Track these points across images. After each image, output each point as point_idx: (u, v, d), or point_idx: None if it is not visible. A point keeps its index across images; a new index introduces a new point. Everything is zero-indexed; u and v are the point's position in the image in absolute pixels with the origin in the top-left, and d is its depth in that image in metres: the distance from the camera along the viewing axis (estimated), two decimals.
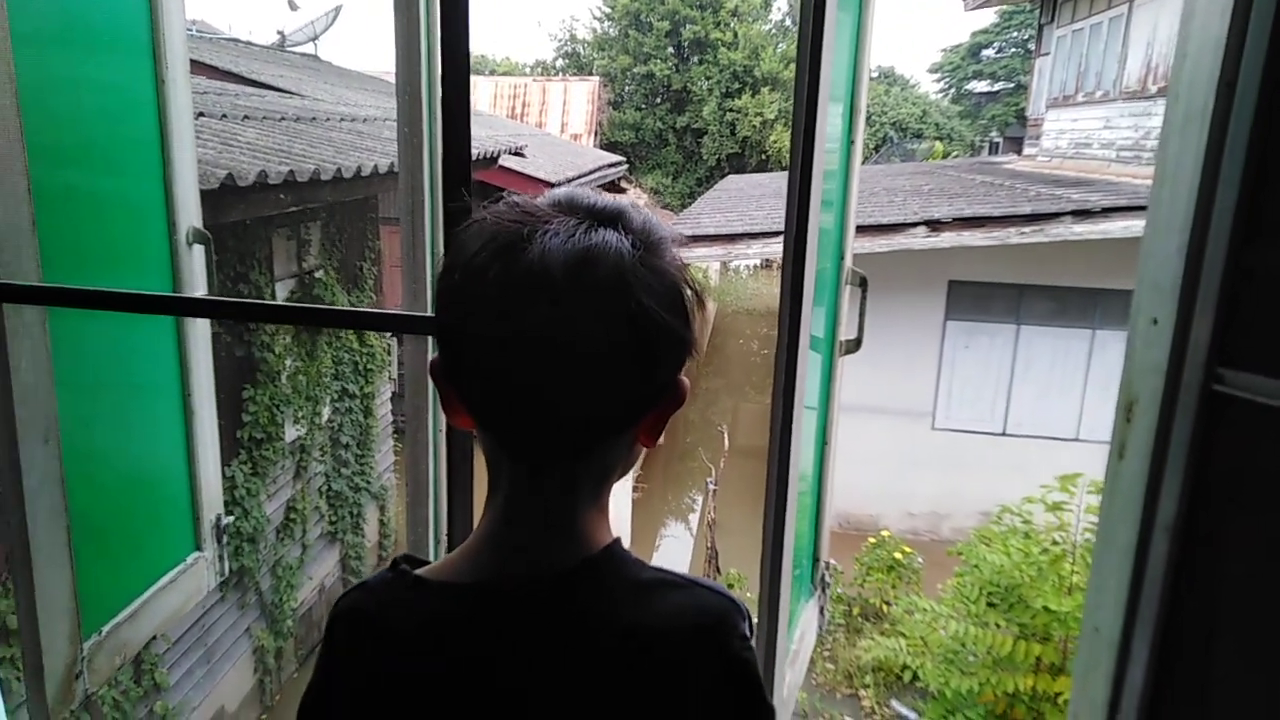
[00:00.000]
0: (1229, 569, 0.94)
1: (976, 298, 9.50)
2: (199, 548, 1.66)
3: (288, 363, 7.06)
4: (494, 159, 9.01)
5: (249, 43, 16.04)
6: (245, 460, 6.41)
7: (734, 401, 14.69)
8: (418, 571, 0.76)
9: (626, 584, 0.75)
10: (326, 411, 7.79)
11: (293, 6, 18.33)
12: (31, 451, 1.22)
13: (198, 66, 10.88)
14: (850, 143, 1.47)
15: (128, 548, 1.52)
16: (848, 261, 1.54)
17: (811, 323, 1.55)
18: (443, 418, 1.67)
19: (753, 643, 0.79)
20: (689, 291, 0.76)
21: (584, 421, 0.71)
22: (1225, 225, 0.90)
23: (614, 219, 0.70)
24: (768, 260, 26.03)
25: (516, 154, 9.64)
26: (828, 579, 1.64)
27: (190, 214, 1.62)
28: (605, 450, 0.75)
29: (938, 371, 9.71)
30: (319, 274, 7.64)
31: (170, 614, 1.56)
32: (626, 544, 0.81)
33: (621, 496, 8.65)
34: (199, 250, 1.61)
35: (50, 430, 1.26)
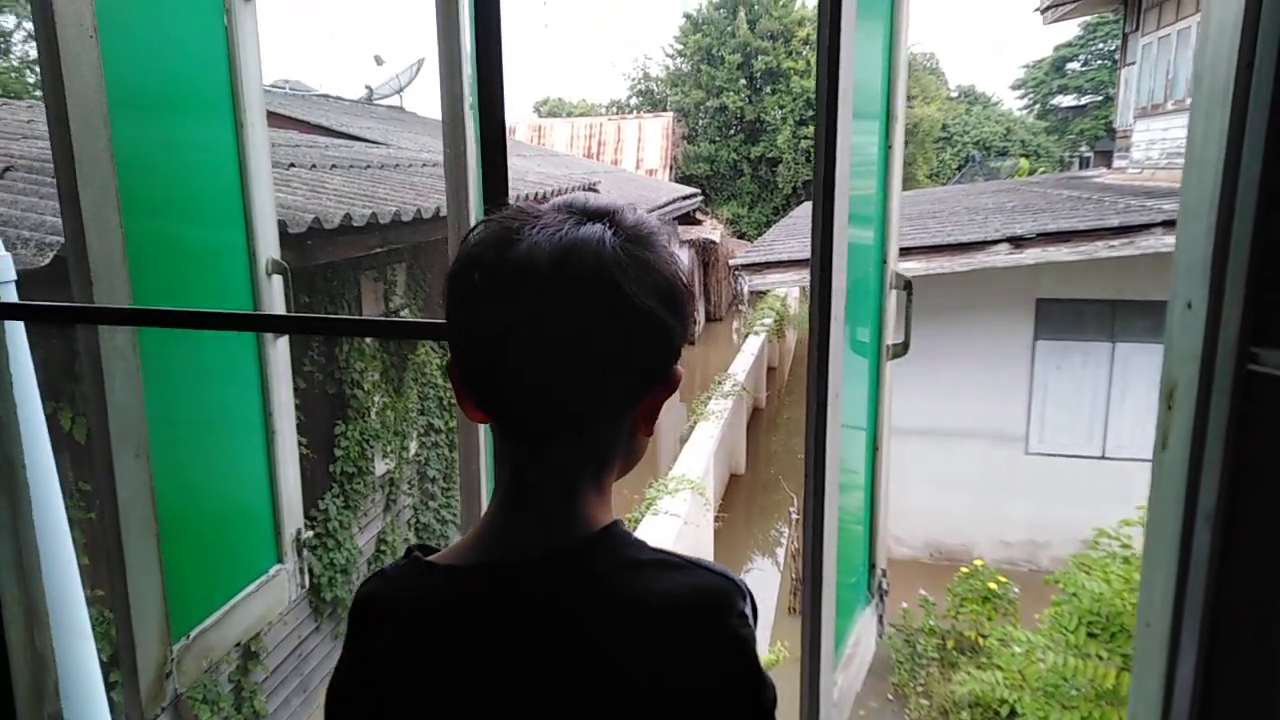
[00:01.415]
0: (1274, 555, 0.91)
1: (1067, 316, 9.15)
2: (280, 560, 1.77)
3: (376, 399, 7.33)
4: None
5: (339, 98, 16.88)
6: (338, 494, 6.65)
7: None
8: (429, 558, 0.80)
9: (626, 563, 0.76)
10: (414, 446, 8.03)
11: (379, 61, 19.23)
12: (124, 464, 1.33)
13: (291, 121, 11.49)
14: (888, 146, 1.48)
15: (214, 558, 1.62)
16: (891, 265, 1.54)
17: (849, 327, 1.56)
18: None
19: (753, 623, 0.79)
20: (680, 284, 0.78)
21: (575, 405, 0.74)
22: (1250, 201, 0.89)
23: (604, 215, 0.74)
24: None
25: (590, 189, 9.82)
26: (885, 586, 1.62)
27: (269, 247, 1.75)
28: (603, 435, 0.78)
29: (1029, 393, 9.36)
30: (404, 313, 7.92)
31: (253, 622, 1.66)
32: None
33: (704, 527, 8.60)
34: (278, 280, 1.73)
35: (141, 445, 1.37)
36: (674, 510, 7.78)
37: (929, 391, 8.98)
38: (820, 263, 1.12)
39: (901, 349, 1.57)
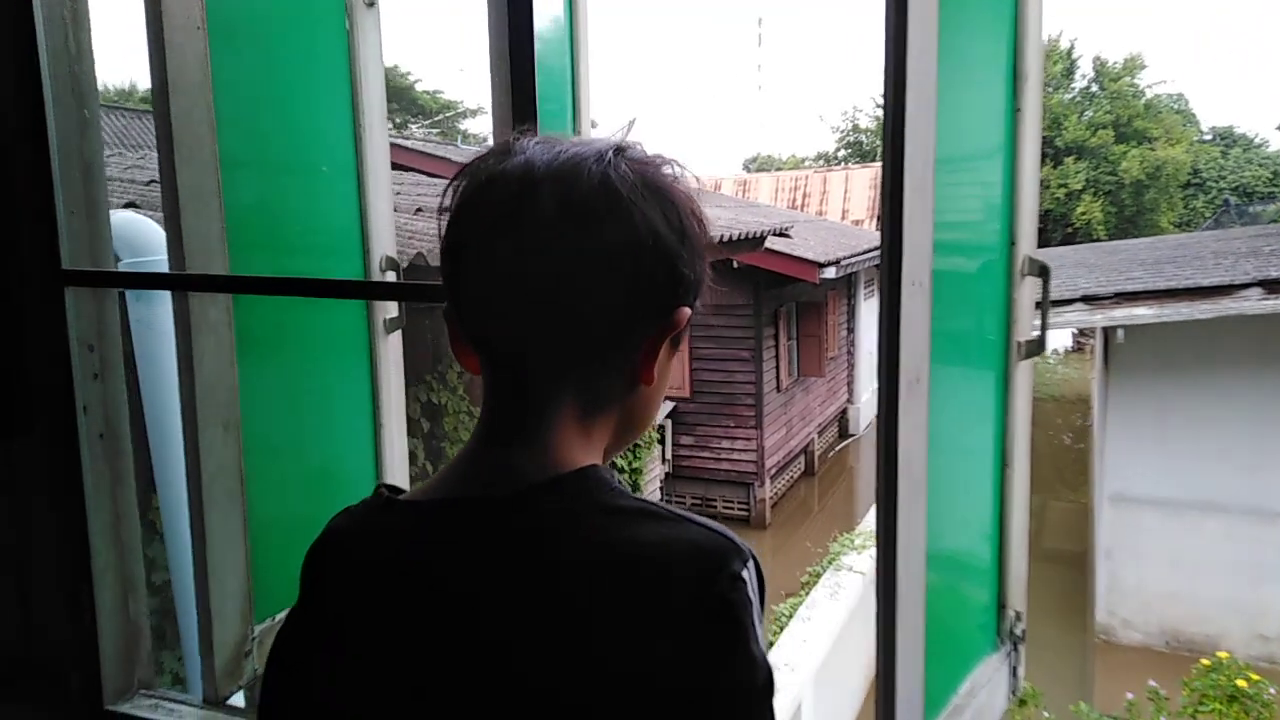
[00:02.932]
0: None
1: None
2: None
3: None
4: (760, 239, 9.14)
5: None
6: None
7: (1043, 499, 13.22)
8: (400, 497, 0.75)
9: (600, 506, 0.68)
10: None
11: (593, 125, 20.28)
12: (212, 438, 1.39)
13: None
14: (1015, 109, 1.27)
15: (308, 541, 1.65)
16: (1021, 248, 1.31)
17: (967, 321, 1.34)
18: None
19: (753, 592, 0.67)
20: (693, 211, 0.74)
21: (563, 333, 0.70)
22: None
23: (612, 145, 0.71)
24: (1079, 343, 23.56)
25: (781, 234, 9.72)
26: (1019, 632, 1.35)
27: (386, 247, 1.80)
28: (594, 374, 0.73)
29: None
30: None
31: None
32: None
33: None
34: (390, 276, 1.77)
35: (231, 420, 1.42)
36: (859, 567, 7.34)
37: (1167, 456, 7.99)
38: (890, 222, 0.96)
39: (1036, 347, 1.33)
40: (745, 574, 0.66)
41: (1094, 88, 31.16)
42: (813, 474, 14.30)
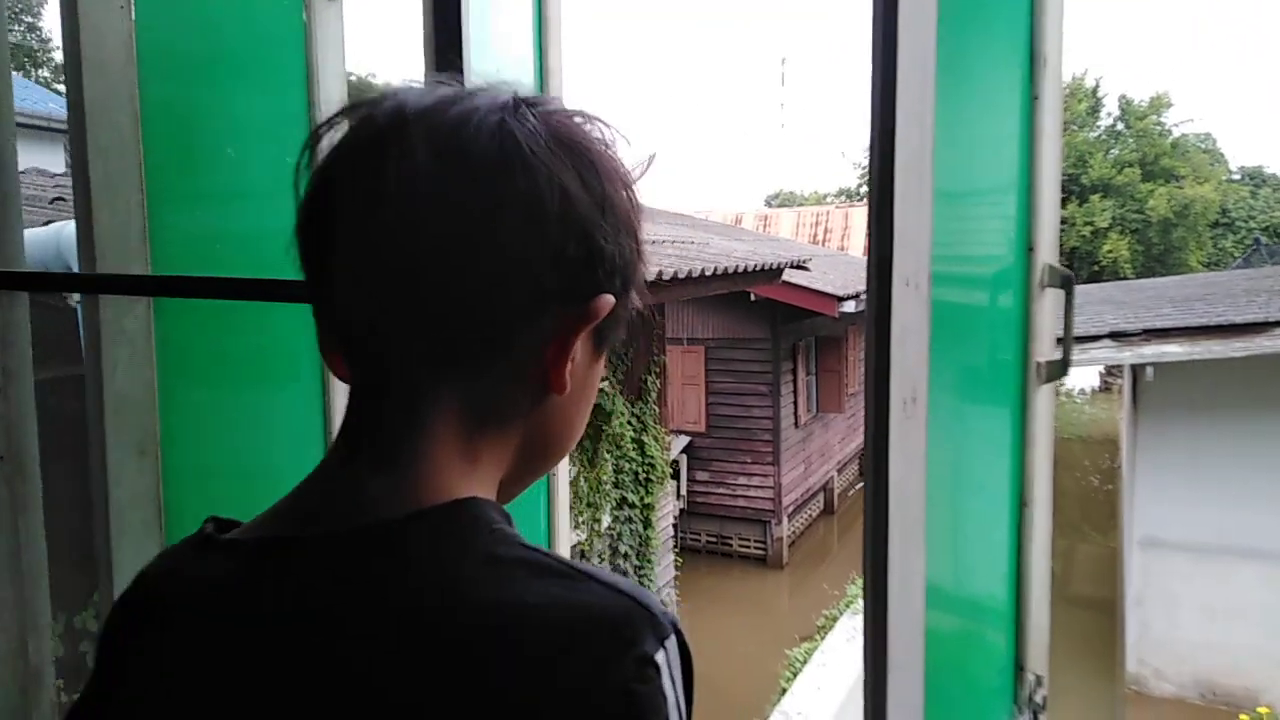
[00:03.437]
0: None
1: None
2: None
3: (571, 468, 7.36)
4: (777, 271, 8.98)
5: None
6: None
7: (1069, 542, 12.82)
8: (231, 534, 0.58)
9: (472, 553, 0.52)
10: (606, 519, 7.96)
11: None
12: (122, 462, 1.23)
13: None
14: (1033, 97, 1.10)
15: None
16: (1041, 255, 1.13)
17: (980, 339, 1.16)
18: None
19: (672, 681, 0.50)
20: (618, 176, 0.60)
21: (436, 320, 0.55)
22: None
23: (515, 93, 0.58)
24: (1106, 383, 23.08)
25: (799, 267, 9.55)
26: (1039, 698, 1.15)
27: None
28: (483, 378, 0.57)
29: None
30: (603, 385, 7.99)
31: None
32: None
33: None
34: None
35: (147, 443, 1.27)
36: None
37: (1199, 499, 7.72)
38: (878, 207, 0.79)
39: (1058, 369, 1.15)
40: (661, 657, 0.49)
41: (1120, 126, 30.97)
42: (832, 512, 13.99)
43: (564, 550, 1.54)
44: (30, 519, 1.27)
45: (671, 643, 0.50)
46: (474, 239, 0.53)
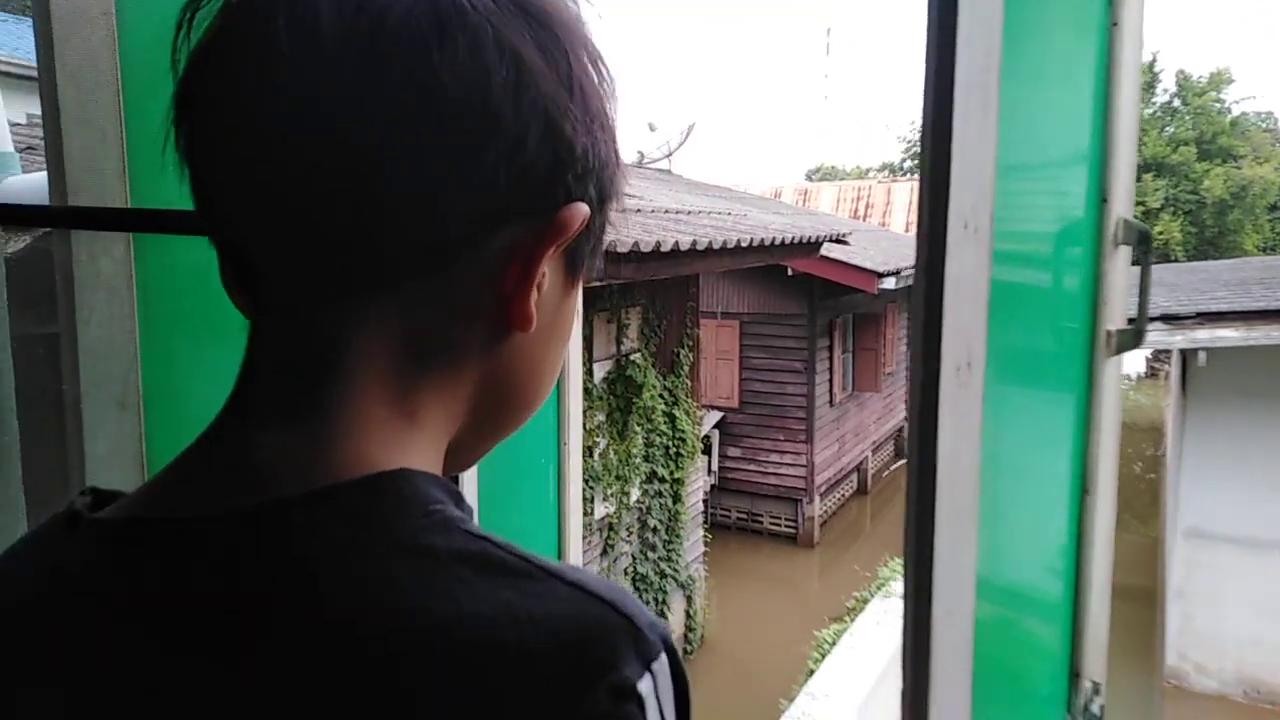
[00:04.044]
0: None
1: None
2: None
3: (599, 440, 7.28)
4: (816, 245, 8.76)
5: None
6: None
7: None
8: (106, 510, 0.45)
9: (396, 545, 0.40)
10: (635, 493, 7.88)
11: (651, 128, 20.18)
12: (100, 417, 1.15)
13: None
14: (1111, 24, 0.95)
15: None
16: (1115, 208, 0.99)
17: (1043, 304, 1.02)
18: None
19: (655, 712, 0.38)
20: (586, 58, 0.47)
21: (352, 234, 0.42)
22: None
23: None
24: (1153, 369, 22.42)
25: (839, 241, 9.31)
26: (1095, 708, 1.02)
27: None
28: (414, 305, 0.44)
29: None
30: (635, 357, 7.87)
31: None
32: None
33: None
34: None
35: (128, 396, 1.18)
36: None
37: (1248, 490, 7.49)
38: (933, 135, 0.66)
39: (1130, 339, 1.00)
40: (646, 685, 0.37)
41: (1176, 102, 29.94)
42: (865, 493, 13.80)
43: (575, 528, 1.43)
44: (7, 472, 1.20)
45: (661, 665, 0.38)
46: (398, 126, 0.40)
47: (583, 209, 0.45)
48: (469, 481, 1.00)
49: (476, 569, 0.39)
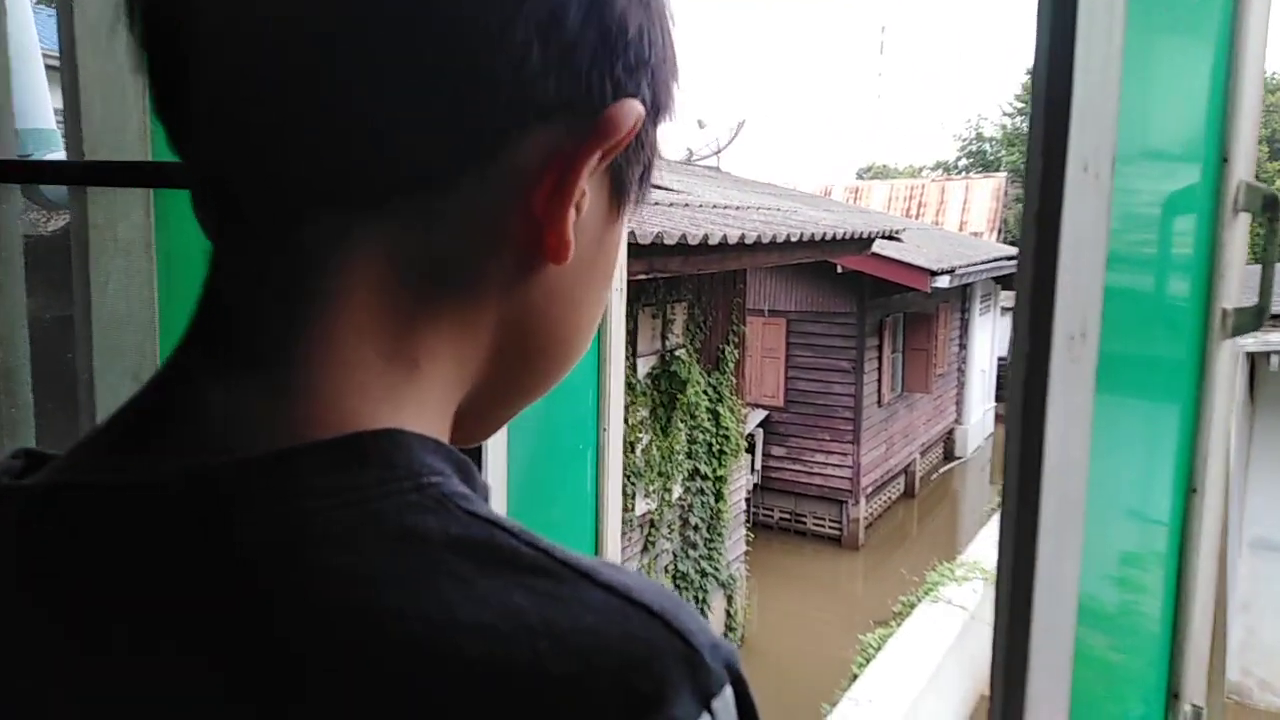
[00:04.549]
0: None
1: None
2: None
3: (643, 436, 7.20)
4: (867, 241, 8.56)
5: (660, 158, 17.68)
6: None
7: None
8: (37, 476, 0.37)
9: (378, 529, 0.30)
10: (677, 490, 7.78)
11: (700, 125, 20.03)
12: (114, 389, 1.09)
13: None
14: None
15: None
16: (1236, 169, 0.86)
17: (1150, 275, 0.89)
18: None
19: None
20: None
21: (339, 137, 0.33)
22: None
23: None
24: None
25: (891, 237, 9.08)
26: None
27: None
28: (417, 222, 0.35)
29: None
30: (679, 353, 7.76)
31: None
32: None
33: None
34: None
35: (144, 368, 1.12)
36: (960, 601, 6.70)
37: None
38: (1048, 65, 0.55)
39: (1251, 319, 0.87)
40: (706, 712, 0.28)
41: None
42: (913, 496, 13.52)
43: (614, 522, 1.33)
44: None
45: (724, 703, 0.29)
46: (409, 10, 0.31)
47: (635, 108, 0.36)
48: (495, 465, 0.91)
49: (479, 562, 0.30)
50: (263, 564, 0.29)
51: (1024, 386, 0.58)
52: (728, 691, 0.29)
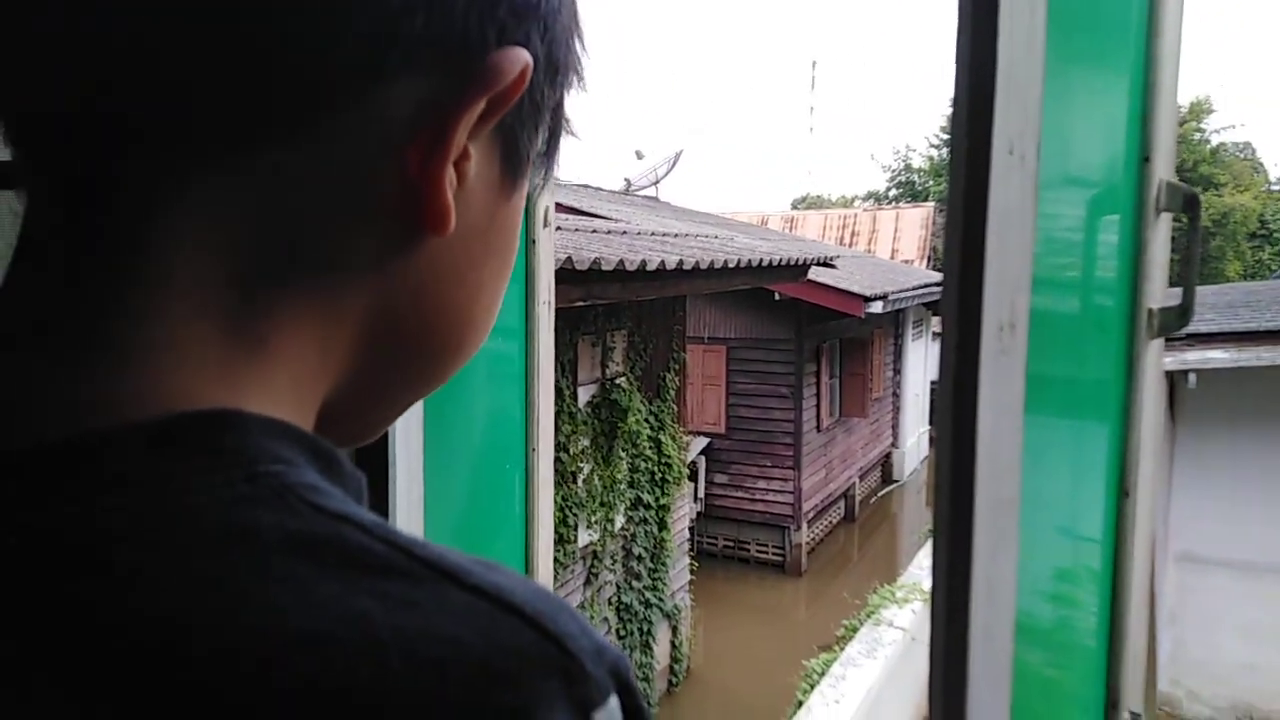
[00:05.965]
0: None
1: None
2: None
3: (584, 466, 7.12)
4: (803, 267, 8.69)
5: (598, 188, 17.74)
6: None
7: None
8: None
9: (201, 522, 0.25)
10: (620, 520, 7.70)
11: (639, 156, 20.20)
12: None
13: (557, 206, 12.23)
14: None
15: None
16: (1157, 168, 0.86)
17: (1075, 279, 0.89)
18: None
19: None
20: None
21: (174, 69, 0.28)
22: None
23: None
24: None
25: (825, 264, 9.23)
26: None
27: None
28: (269, 183, 0.30)
29: None
30: (620, 381, 7.73)
31: None
32: None
33: None
34: None
35: None
36: (900, 622, 6.74)
37: (1240, 514, 7.42)
38: (971, 42, 0.54)
39: (1175, 319, 0.88)
40: None
41: None
42: (853, 520, 13.64)
43: (545, 544, 1.26)
44: None
45: (609, 712, 0.25)
46: None
47: (521, 56, 0.31)
48: (409, 489, 0.84)
49: (320, 563, 0.25)
50: (49, 573, 0.24)
51: (954, 382, 0.55)
52: (613, 702, 0.25)
